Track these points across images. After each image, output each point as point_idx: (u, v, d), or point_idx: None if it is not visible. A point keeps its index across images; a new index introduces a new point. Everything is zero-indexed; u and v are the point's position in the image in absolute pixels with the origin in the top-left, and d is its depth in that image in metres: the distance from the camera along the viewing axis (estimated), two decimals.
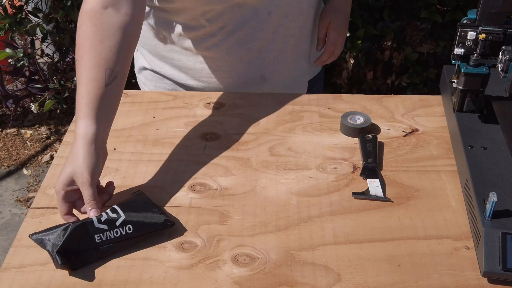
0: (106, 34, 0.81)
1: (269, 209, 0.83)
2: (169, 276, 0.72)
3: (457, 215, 0.81)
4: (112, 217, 0.75)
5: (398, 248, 0.76)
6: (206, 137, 0.98)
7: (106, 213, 0.75)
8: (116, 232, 0.74)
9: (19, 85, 2.50)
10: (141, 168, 0.91)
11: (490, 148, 0.85)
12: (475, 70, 0.88)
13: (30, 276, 0.72)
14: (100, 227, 0.74)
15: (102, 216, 0.75)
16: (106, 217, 0.75)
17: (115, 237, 0.74)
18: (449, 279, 0.71)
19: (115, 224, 0.74)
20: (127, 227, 0.75)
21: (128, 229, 0.75)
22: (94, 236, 0.73)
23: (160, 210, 0.79)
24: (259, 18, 1.03)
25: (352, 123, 0.97)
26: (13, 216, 2.10)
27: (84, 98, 0.79)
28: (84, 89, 0.79)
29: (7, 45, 2.12)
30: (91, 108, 0.79)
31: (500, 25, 0.85)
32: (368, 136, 0.94)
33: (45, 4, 2.09)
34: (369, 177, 0.87)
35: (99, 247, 0.73)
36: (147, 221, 0.76)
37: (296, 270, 0.73)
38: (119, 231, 0.74)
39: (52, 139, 2.49)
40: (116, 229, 0.74)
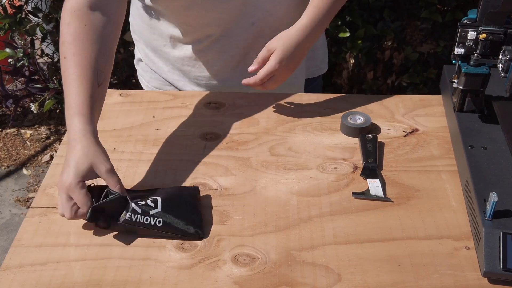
0: (96, 36, 0.83)
1: (269, 209, 0.82)
2: (169, 276, 0.72)
3: (458, 215, 0.81)
4: (149, 206, 0.78)
5: (398, 248, 0.76)
6: (206, 137, 0.98)
7: (146, 200, 0.79)
8: (146, 219, 0.77)
9: (19, 85, 2.50)
10: (141, 168, 0.91)
11: (490, 148, 0.85)
12: (475, 70, 0.88)
13: (30, 276, 0.72)
14: (135, 209, 0.77)
15: (141, 201, 0.78)
16: (144, 203, 0.78)
17: (143, 223, 0.77)
18: (450, 279, 0.71)
19: (148, 212, 0.77)
20: (158, 220, 0.77)
21: (158, 222, 0.77)
22: (127, 213, 0.76)
23: (197, 219, 0.79)
24: (243, 28, 1.04)
25: (352, 123, 0.97)
26: (13, 216, 2.10)
27: (79, 96, 0.80)
28: (78, 88, 0.80)
29: (7, 45, 2.12)
30: (87, 106, 0.80)
31: (500, 25, 0.85)
32: (368, 136, 0.94)
33: (45, 4, 2.09)
34: (369, 177, 0.87)
35: (125, 224, 0.76)
36: (177, 226, 0.78)
37: (296, 270, 0.73)
38: (149, 219, 0.77)
39: (52, 139, 2.49)
40: (147, 217, 0.77)
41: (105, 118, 1.03)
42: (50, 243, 0.77)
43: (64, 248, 0.76)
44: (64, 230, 0.79)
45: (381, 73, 2.06)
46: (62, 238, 0.78)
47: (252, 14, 1.03)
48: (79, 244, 0.77)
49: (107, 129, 1.00)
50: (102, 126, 1.01)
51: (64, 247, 0.76)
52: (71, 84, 0.81)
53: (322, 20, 0.97)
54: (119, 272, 0.73)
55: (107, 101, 1.08)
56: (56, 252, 0.75)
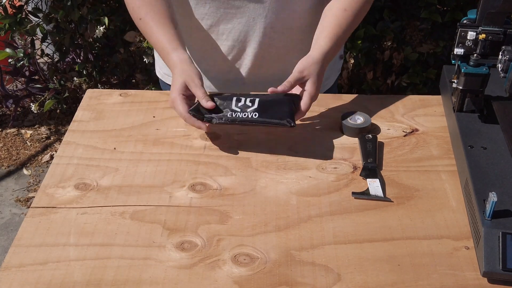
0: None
1: (269, 209, 0.83)
2: (169, 276, 0.72)
3: (457, 215, 0.81)
4: (247, 105, 0.92)
5: (398, 248, 0.76)
6: (206, 137, 0.98)
7: (245, 100, 0.92)
8: (244, 114, 0.90)
9: (19, 85, 2.50)
10: (141, 168, 0.91)
11: (490, 148, 0.85)
12: (475, 70, 0.88)
13: (30, 275, 0.72)
14: (234, 109, 0.91)
15: (240, 101, 0.92)
16: (243, 103, 0.92)
17: (241, 117, 0.90)
18: (449, 279, 0.71)
19: (246, 110, 0.91)
20: (254, 114, 0.90)
21: (254, 115, 0.90)
22: (228, 112, 0.91)
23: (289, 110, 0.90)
24: (243, 22, 1.05)
25: (352, 123, 0.97)
26: (13, 216, 2.10)
27: (166, 37, 0.98)
28: (161, 33, 0.99)
29: (7, 45, 2.12)
30: (176, 42, 0.98)
31: (500, 25, 0.85)
32: (368, 136, 0.94)
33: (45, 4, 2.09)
34: (369, 177, 0.87)
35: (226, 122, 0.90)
36: (272, 119, 0.89)
37: (296, 270, 0.73)
38: (247, 114, 0.90)
39: (52, 139, 2.49)
40: (245, 113, 0.90)
41: (105, 118, 1.03)
42: (50, 243, 0.77)
43: (64, 248, 0.76)
44: (64, 230, 0.79)
45: (380, 73, 2.06)
46: (62, 238, 0.78)
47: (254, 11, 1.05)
48: (79, 244, 0.77)
49: (107, 129, 1.00)
50: (102, 126, 1.01)
51: (64, 247, 0.76)
52: (155, 32, 0.99)
53: (339, 42, 1.01)
54: (119, 272, 0.73)
55: (107, 101, 1.08)
56: (56, 252, 0.76)
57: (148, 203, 0.84)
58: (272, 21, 1.05)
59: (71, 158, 0.93)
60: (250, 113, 0.90)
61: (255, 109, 0.90)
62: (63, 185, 0.87)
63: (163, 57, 1.00)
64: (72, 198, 0.85)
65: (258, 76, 1.13)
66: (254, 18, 1.05)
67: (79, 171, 0.90)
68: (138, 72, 2.24)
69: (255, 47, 1.08)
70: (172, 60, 0.97)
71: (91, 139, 0.98)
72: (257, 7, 1.03)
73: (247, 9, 1.04)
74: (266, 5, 1.03)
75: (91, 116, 1.04)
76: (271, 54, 1.10)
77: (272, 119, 0.89)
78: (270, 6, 1.03)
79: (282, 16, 1.05)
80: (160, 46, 0.99)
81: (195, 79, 0.94)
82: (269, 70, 1.13)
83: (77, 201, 0.84)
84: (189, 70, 0.95)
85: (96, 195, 0.85)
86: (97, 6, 1.98)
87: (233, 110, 0.91)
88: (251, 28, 1.06)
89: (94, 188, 0.86)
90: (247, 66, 1.12)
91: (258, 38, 1.07)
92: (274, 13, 1.04)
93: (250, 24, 1.05)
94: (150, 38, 1.01)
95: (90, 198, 0.85)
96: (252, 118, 0.89)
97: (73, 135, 0.99)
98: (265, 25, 1.05)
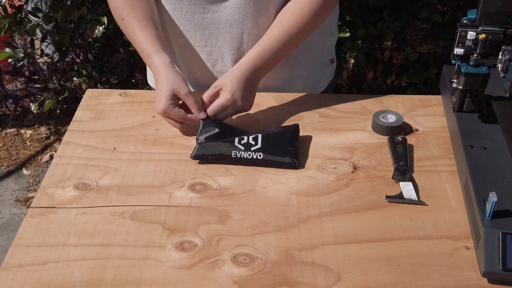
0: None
1: (269, 209, 0.83)
2: (169, 276, 0.72)
3: (457, 215, 0.81)
4: (250, 143, 0.92)
5: (398, 248, 0.76)
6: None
7: (248, 138, 0.92)
8: (249, 154, 0.90)
9: (19, 85, 2.50)
10: (141, 168, 0.91)
11: (490, 148, 0.85)
12: (475, 70, 0.88)
13: (30, 275, 0.72)
14: (238, 147, 0.91)
15: (243, 139, 0.92)
16: (246, 141, 0.92)
17: (246, 158, 0.90)
18: (449, 279, 0.71)
19: (250, 148, 0.91)
20: (258, 154, 0.90)
21: (258, 156, 0.90)
22: (232, 152, 0.90)
23: (293, 150, 0.91)
24: (220, 28, 1.05)
25: (384, 121, 0.97)
26: (13, 216, 2.10)
27: (147, 39, 0.99)
28: (143, 34, 0.99)
29: (7, 45, 2.12)
30: (157, 44, 0.99)
31: (500, 25, 0.85)
32: (397, 138, 0.94)
33: (44, 4, 2.09)
34: (401, 181, 0.86)
35: (231, 161, 0.91)
36: (276, 159, 0.90)
37: (296, 270, 0.73)
38: (251, 154, 0.90)
39: (51, 139, 2.49)
40: (249, 152, 0.90)
41: (105, 118, 1.03)
42: (49, 243, 0.77)
43: (64, 248, 0.76)
44: (63, 230, 0.79)
45: (381, 73, 2.06)
46: (61, 238, 0.78)
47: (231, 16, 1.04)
48: (78, 244, 0.77)
49: (107, 129, 1.00)
50: (102, 126, 1.01)
51: (63, 247, 0.76)
52: (137, 34, 1.00)
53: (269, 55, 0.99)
54: (119, 272, 0.73)
55: (107, 101, 1.08)
56: (56, 252, 0.76)
57: (147, 203, 0.84)
58: (249, 27, 1.04)
59: (71, 158, 0.93)
60: (254, 154, 0.90)
61: (258, 149, 0.90)
62: (63, 185, 0.87)
63: (145, 59, 1.00)
64: (72, 198, 0.85)
65: None
66: (230, 24, 1.04)
67: (79, 171, 0.90)
68: (138, 72, 2.24)
69: (234, 53, 1.07)
70: (154, 63, 0.97)
71: (91, 139, 0.98)
72: (233, 13, 1.02)
73: (223, 15, 1.03)
74: (242, 11, 1.02)
75: (90, 116, 1.04)
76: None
77: (277, 157, 0.90)
78: (245, 12, 1.02)
79: (259, 22, 1.04)
80: (141, 48, 1.00)
81: (183, 86, 0.95)
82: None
83: (77, 201, 0.84)
84: (174, 77, 0.95)
85: (95, 195, 0.85)
86: (97, 6, 1.98)
87: (237, 149, 0.91)
88: (228, 34, 1.05)
89: (93, 188, 0.86)
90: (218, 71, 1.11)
91: (237, 45, 1.06)
92: (250, 19, 1.03)
93: (227, 30, 1.05)
94: (132, 39, 1.02)
95: (89, 198, 0.84)
96: (257, 159, 0.90)
97: (73, 135, 0.99)
98: (242, 31, 1.04)
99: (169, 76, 0.95)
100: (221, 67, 1.11)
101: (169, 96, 0.94)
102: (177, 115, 0.94)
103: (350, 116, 1.03)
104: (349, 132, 0.99)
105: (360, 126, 1.00)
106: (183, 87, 0.95)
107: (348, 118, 1.02)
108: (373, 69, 2.05)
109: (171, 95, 0.94)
